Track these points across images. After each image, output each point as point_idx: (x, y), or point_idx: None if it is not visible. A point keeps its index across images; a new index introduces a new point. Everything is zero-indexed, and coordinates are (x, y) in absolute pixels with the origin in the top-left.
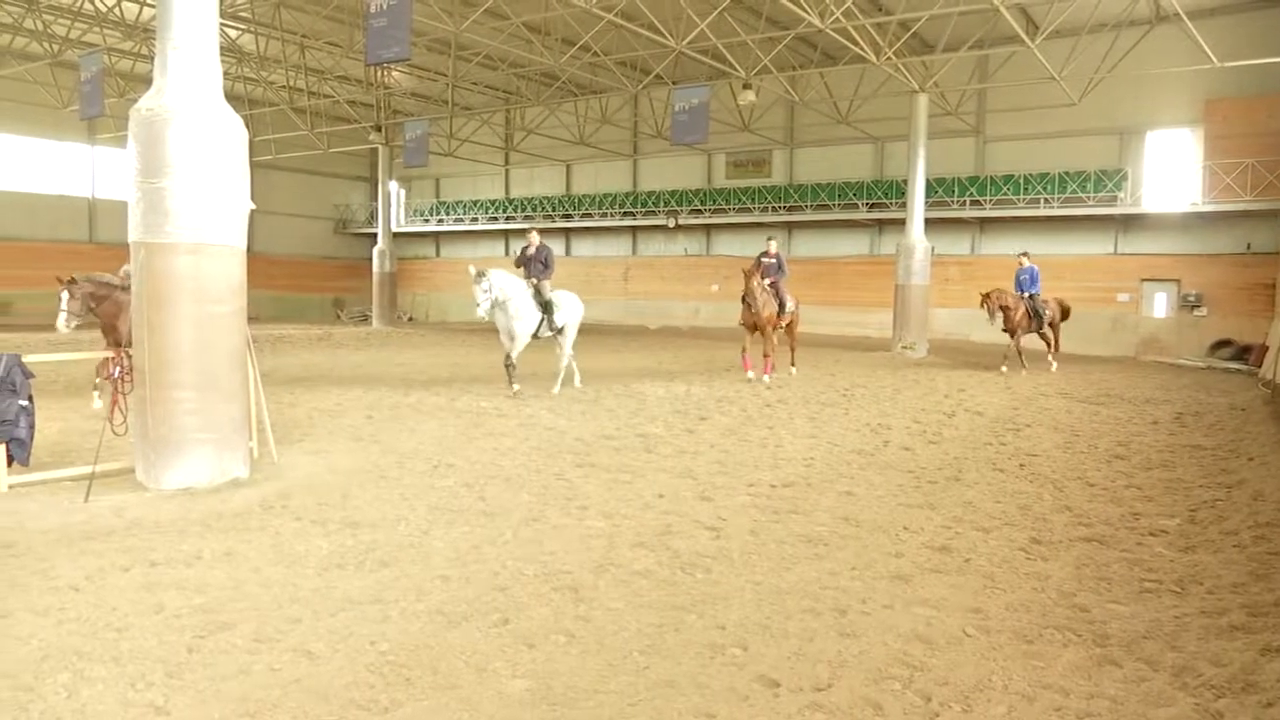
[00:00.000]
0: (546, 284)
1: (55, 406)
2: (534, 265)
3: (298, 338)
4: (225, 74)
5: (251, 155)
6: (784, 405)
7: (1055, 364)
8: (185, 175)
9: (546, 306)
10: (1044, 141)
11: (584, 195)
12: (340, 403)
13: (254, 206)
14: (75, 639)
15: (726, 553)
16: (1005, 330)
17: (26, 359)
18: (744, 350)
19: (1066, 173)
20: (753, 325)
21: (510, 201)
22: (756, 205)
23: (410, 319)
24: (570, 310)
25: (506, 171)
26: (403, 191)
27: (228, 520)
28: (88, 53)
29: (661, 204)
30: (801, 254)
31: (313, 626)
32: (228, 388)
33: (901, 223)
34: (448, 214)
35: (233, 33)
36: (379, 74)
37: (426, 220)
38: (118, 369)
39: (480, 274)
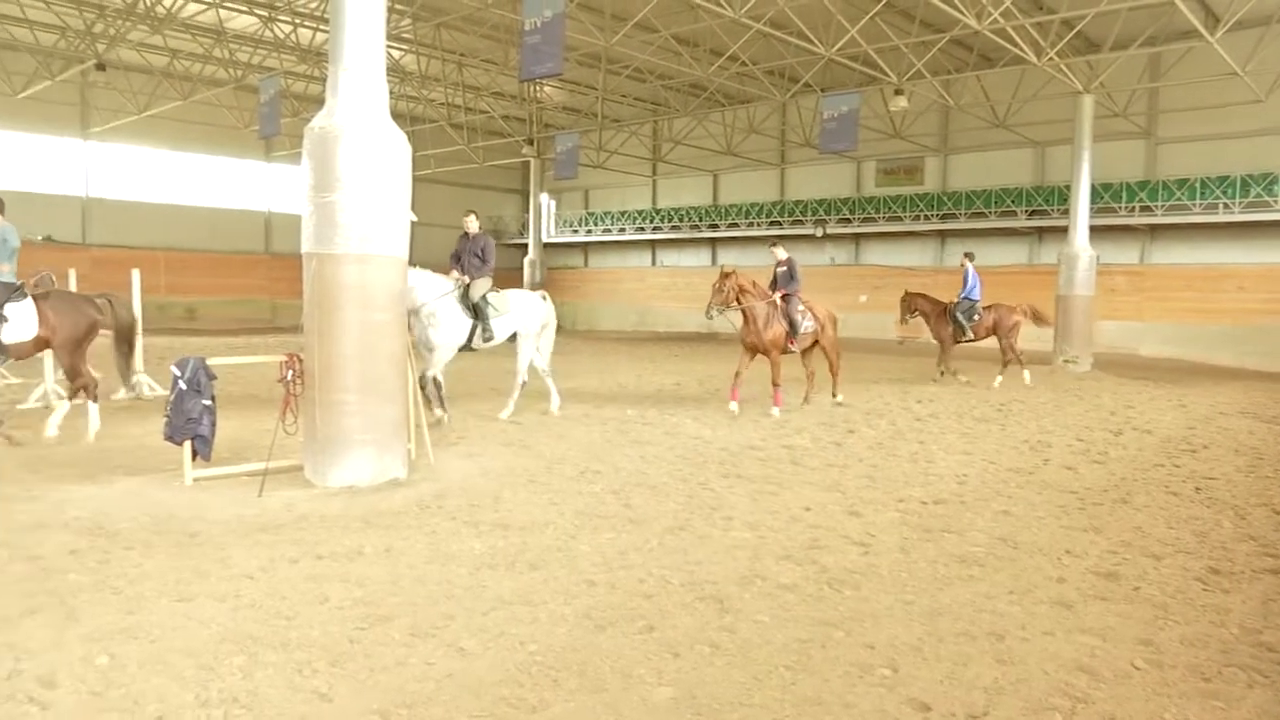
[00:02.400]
0: (482, 283)
1: (232, 406)
2: (467, 259)
3: None
4: (390, 93)
5: (413, 170)
6: (935, 420)
7: (1000, 379)
8: (354, 190)
9: (478, 311)
10: (1224, 142)
11: (731, 205)
12: (492, 408)
13: (415, 219)
14: (250, 624)
15: (875, 570)
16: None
17: (210, 362)
18: (737, 374)
19: (1250, 175)
20: (754, 347)
21: (657, 212)
22: (908, 213)
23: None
24: (524, 315)
25: (654, 182)
26: (553, 203)
27: (387, 518)
28: (266, 76)
29: (809, 213)
30: (955, 263)
31: (465, 624)
32: (388, 391)
33: (1063, 230)
34: (596, 225)
35: (396, 53)
36: (532, 89)
37: (575, 231)
38: (290, 372)
39: None
